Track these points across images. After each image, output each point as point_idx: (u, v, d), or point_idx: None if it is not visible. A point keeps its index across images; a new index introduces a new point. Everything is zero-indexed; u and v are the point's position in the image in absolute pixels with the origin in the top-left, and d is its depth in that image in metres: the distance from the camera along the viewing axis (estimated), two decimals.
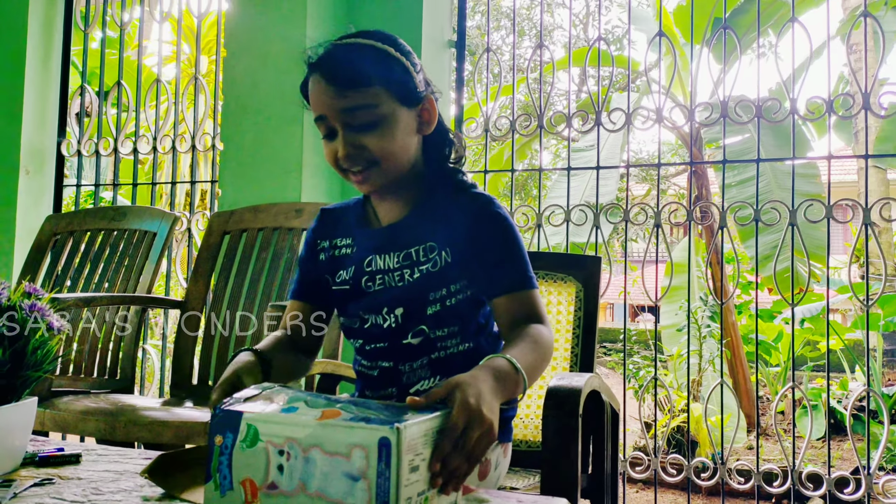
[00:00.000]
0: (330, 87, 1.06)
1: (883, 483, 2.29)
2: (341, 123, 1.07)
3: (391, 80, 1.08)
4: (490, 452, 1.16)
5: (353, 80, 1.06)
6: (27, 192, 2.96)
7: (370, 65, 1.07)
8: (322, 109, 1.08)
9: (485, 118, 2.64)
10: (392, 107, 1.07)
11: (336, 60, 1.08)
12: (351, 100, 1.05)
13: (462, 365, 1.13)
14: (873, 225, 2.29)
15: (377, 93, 1.06)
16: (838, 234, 9.64)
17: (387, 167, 1.10)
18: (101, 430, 1.66)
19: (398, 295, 1.13)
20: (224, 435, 0.79)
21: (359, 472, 0.73)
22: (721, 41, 2.58)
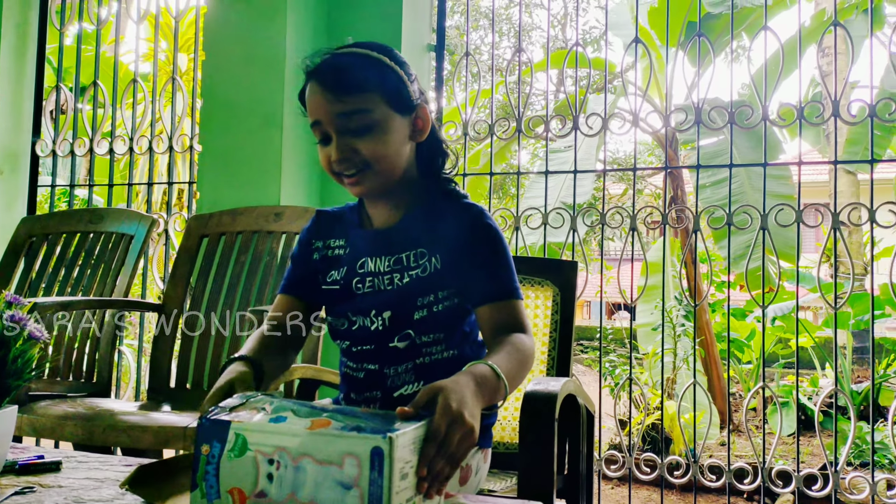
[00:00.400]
0: (326, 92, 1.10)
1: (849, 479, 2.35)
2: (336, 128, 1.10)
3: (385, 87, 1.11)
4: (471, 458, 1.19)
5: (348, 86, 1.09)
6: (1, 193, 2.93)
7: (365, 72, 1.11)
8: (318, 115, 1.11)
9: (464, 121, 2.66)
10: (386, 113, 1.11)
11: (332, 67, 1.11)
12: (346, 105, 1.09)
13: (446, 371, 1.15)
14: (843, 227, 2.35)
15: (371, 99, 1.10)
16: (810, 232, 9.81)
17: (379, 171, 1.12)
18: (79, 435, 1.65)
19: (387, 298, 1.15)
20: (211, 444, 0.79)
21: (351, 481, 0.75)
22: (696, 45, 2.63)
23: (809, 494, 2.37)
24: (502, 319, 1.10)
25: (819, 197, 7.75)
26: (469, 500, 0.87)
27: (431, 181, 1.20)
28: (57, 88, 3.06)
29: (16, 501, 0.86)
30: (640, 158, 11.35)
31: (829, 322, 5.75)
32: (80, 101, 3.08)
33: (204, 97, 2.59)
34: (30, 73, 3.04)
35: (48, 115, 3.06)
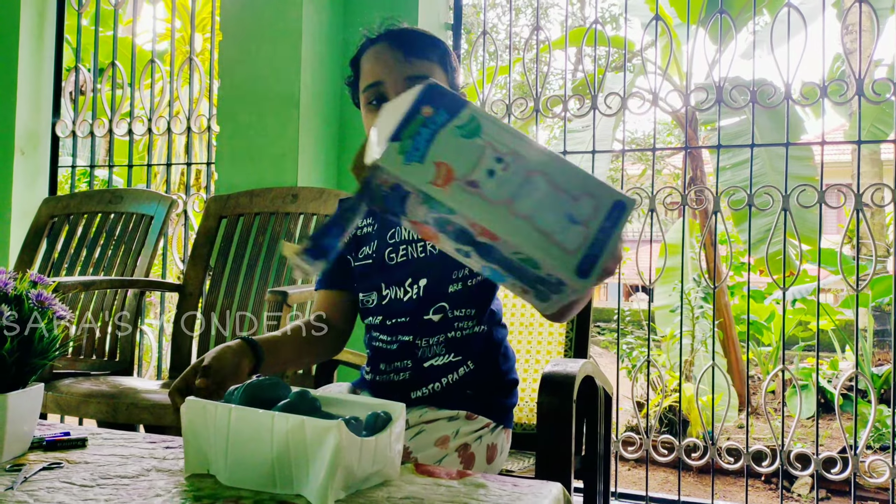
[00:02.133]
0: (398, 51, 1.12)
1: (869, 463, 2.34)
2: (397, 90, 1.10)
3: (446, 63, 1.16)
4: (496, 437, 1.20)
5: (420, 50, 1.13)
6: (22, 173, 2.96)
7: (435, 43, 1.17)
8: (380, 75, 1.12)
9: (481, 101, 2.64)
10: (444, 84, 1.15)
11: (405, 32, 1.16)
12: (414, 67, 1.11)
13: (476, 346, 1.19)
14: (865, 208, 2.32)
15: (436, 69, 1.14)
16: (832, 213, 9.69)
17: None
18: (103, 412, 1.68)
19: (421, 266, 1.16)
20: (436, 110, 0.73)
21: (581, 218, 0.72)
22: (716, 21, 2.58)
23: (828, 477, 2.36)
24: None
25: (842, 178, 7.64)
26: (487, 480, 0.88)
27: None
28: (76, 69, 3.07)
29: (44, 476, 0.88)
30: (659, 139, 11.23)
31: (847, 303, 5.69)
32: (99, 81, 3.09)
33: (221, 78, 2.59)
34: (49, 54, 3.05)
35: (67, 95, 3.08)
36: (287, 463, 0.81)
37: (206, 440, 0.86)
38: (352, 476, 0.81)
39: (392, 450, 0.87)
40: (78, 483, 0.86)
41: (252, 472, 0.83)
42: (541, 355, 1.62)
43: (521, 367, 1.63)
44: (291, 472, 0.81)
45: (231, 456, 0.84)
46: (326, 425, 0.79)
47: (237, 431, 0.83)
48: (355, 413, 0.90)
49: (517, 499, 0.81)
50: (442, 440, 1.12)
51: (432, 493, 0.82)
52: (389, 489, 0.84)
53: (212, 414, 0.85)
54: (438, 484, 0.86)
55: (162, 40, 6.22)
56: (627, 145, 10.42)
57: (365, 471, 0.83)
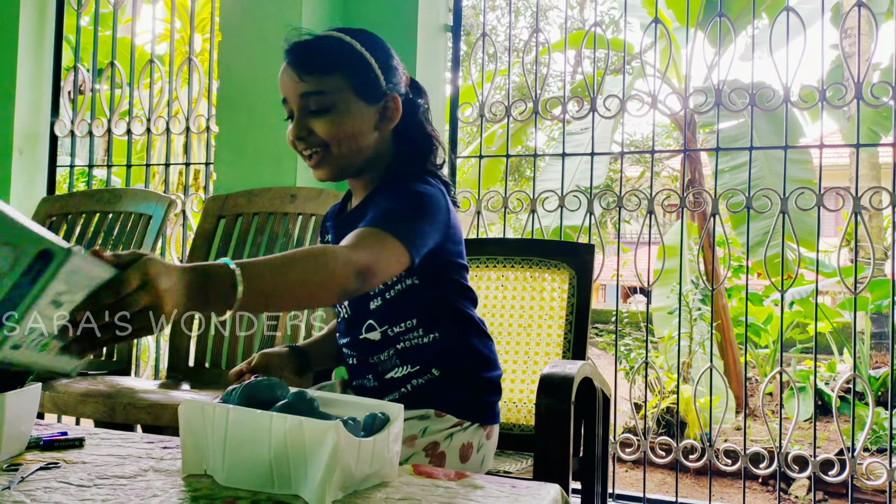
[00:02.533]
0: (291, 71, 1.13)
1: (867, 465, 2.34)
2: (297, 107, 1.13)
3: (350, 72, 1.12)
4: (471, 436, 1.18)
5: (312, 66, 1.11)
6: (20, 173, 2.96)
7: (331, 55, 1.12)
8: (284, 92, 1.15)
9: (480, 102, 2.65)
10: (347, 97, 1.12)
11: (300, 48, 1.13)
12: (307, 85, 1.11)
13: (434, 355, 1.17)
14: (863, 211, 2.32)
15: (333, 81, 1.11)
16: (830, 216, 9.70)
17: (336, 153, 1.13)
18: (101, 412, 1.68)
19: None
20: None
21: None
22: (715, 24, 2.59)
23: (826, 479, 2.36)
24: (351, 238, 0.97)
25: (839, 181, 7.65)
26: (486, 481, 0.88)
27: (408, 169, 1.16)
28: (75, 69, 3.07)
29: (41, 476, 0.88)
30: (658, 141, 11.24)
31: (845, 305, 5.70)
32: (98, 81, 3.09)
33: (220, 78, 2.59)
34: (48, 53, 3.05)
35: (66, 95, 3.07)
36: (285, 463, 0.81)
37: (204, 440, 0.86)
38: (349, 477, 0.81)
39: (390, 450, 0.87)
40: (75, 483, 0.85)
41: (250, 472, 0.83)
42: (539, 357, 1.63)
43: (519, 368, 1.63)
44: (289, 472, 0.81)
45: (229, 456, 0.84)
46: (324, 426, 0.79)
47: (235, 432, 0.83)
48: (353, 414, 0.90)
49: (515, 500, 0.81)
50: (409, 439, 1.11)
51: (430, 494, 0.82)
52: (387, 490, 0.84)
53: (210, 414, 0.85)
54: (436, 485, 0.86)
55: (161, 41, 6.21)
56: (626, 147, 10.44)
57: (363, 471, 0.83)
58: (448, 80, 2.72)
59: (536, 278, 1.68)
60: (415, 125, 1.20)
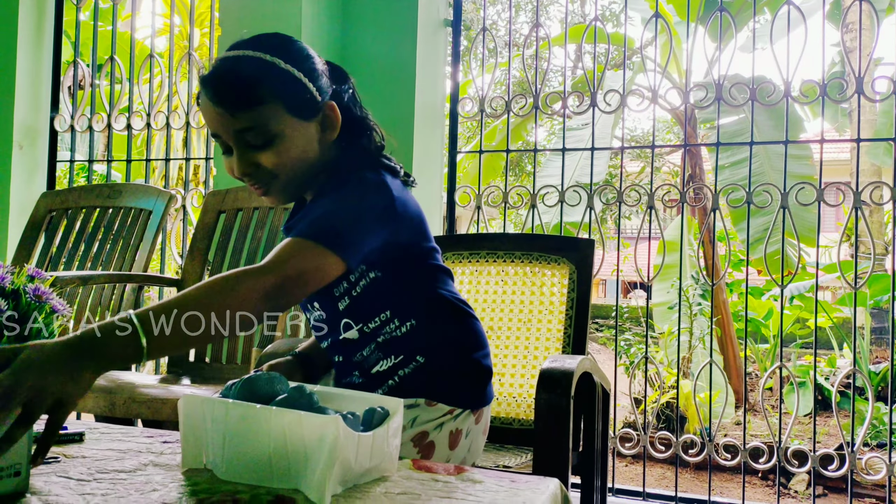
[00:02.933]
0: (219, 108, 1.03)
1: (866, 460, 2.34)
2: (235, 143, 1.06)
3: (282, 95, 1.04)
4: (462, 423, 1.15)
5: (241, 102, 1.03)
6: (20, 168, 2.96)
7: (260, 83, 1.03)
8: (215, 128, 1.06)
9: (480, 97, 2.64)
10: (286, 122, 1.05)
11: (224, 79, 1.04)
12: (242, 121, 1.03)
13: (417, 342, 1.14)
14: (864, 206, 2.32)
15: (269, 110, 1.03)
16: (830, 211, 9.70)
17: (286, 180, 1.09)
18: (101, 407, 1.68)
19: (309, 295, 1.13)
20: None
21: None
22: (716, 19, 2.58)
23: (825, 474, 2.36)
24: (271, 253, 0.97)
25: (839, 176, 7.65)
26: (485, 475, 0.88)
27: (353, 158, 1.13)
28: (74, 64, 3.06)
29: (41, 471, 0.88)
30: (658, 136, 11.23)
31: (845, 301, 5.70)
32: (98, 76, 3.09)
33: None
34: (47, 48, 3.05)
35: (66, 90, 3.07)
36: (284, 458, 0.81)
37: (204, 435, 0.86)
38: (349, 471, 0.81)
39: (389, 445, 0.87)
40: (75, 477, 0.86)
41: (249, 466, 0.83)
42: (539, 351, 1.63)
43: (518, 363, 1.64)
44: (289, 466, 0.81)
45: (228, 451, 0.84)
46: (324, 420, 0.79)
47: (235, 426, 0.83)
48: (353, 408, 0.90)
49: (514, 494, 0.81)
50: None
51: (429, 489, 0.83)
52: (386, 484, 0.84)
53: (209, 409, 0.85)
54: (436, 479, 0.86)
55: (160, 34, 6.20)
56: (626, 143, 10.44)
57: (362, 466, 0.83)
58: (448, 74, 2.71)
59: (536, 273, 1.68)
60: (347, 118, 1.13)
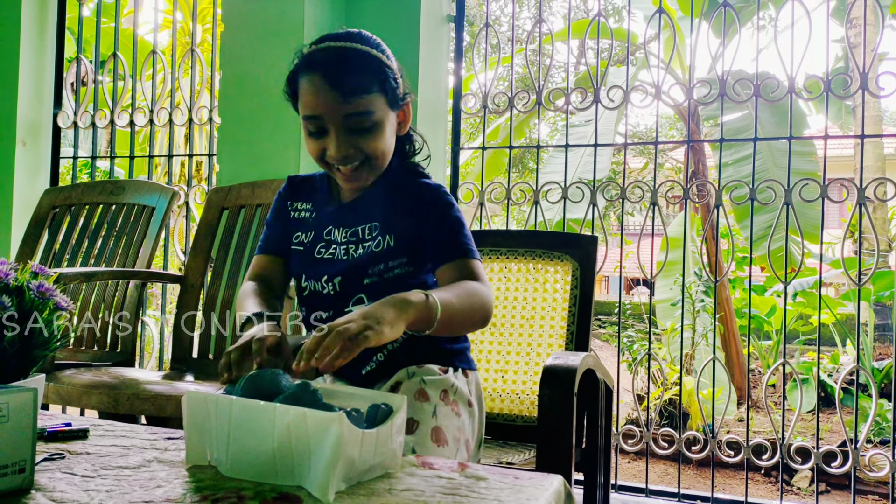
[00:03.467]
0: (334, 91, 1.11)
1: (869, 457, 2.34)
2: (339, 126, 1.13)
3: (387, 86, 1.15)
4: (453, 379, 1.22)
5: (357, 87, 1.11)
6: (23, 164, 2.96)
7: (371, 71, 1.14)
8: (319, 111, 1.13)
9: (483, 93, 2.64)
10: (384, 111, 1.16)
11: (339, 65, 1.12)
12: (354, 106, 1.12)
13: (408, 333, 1.19)
14: (868, 202, 2.31)
15: (375, 99, 1.14)
16: (834, 208, 9.68)
17: (375, 165, 1.18)
18: (105, 403, 1.68)
19: (340, 268, 1.20)
20: None
21: None
22: (720, 15, 2.57)
23: (828, 471, 2.36)
24: (459, 274, 1.14)
25: (843, 173, 7.63)
26: (489, 472, 0.88)
27: (401, 165, 1.26)
28: (77, 60, 3.06)
29: (46, 467, 0.88)
30: (661, 133, 11.20)
31: (848, 296, 5.69)
32: (101, 72, 3.09)
33: (223, 69, 2.58)
34: (50, 44, 3.05)
35: (69, 86, 3.07)
36: (289, 454, 0.81)
37: (208, 432, 0.86)
38: (353, 468, 0.81)
39: (394, 442, 0.87)
40: (79, 474, 0.86)
41: (253, 463, 0.83)
42: (542, 348, 1.63)
43: (521, 360, 1.64)
44: (293, 463, 0.81)
45: (233, 447, 0.84)
46: (328, 417, 0.79)
47: (239, 423, 0.83)
48: (356, 405, 0.90)
49: (518, 491, 0.81)
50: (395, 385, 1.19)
51: (432, 486, 0.83)
52: (391, 481, 0.84)
53: (213, 405, 0.85)
54: (439, 476, 0.86)
55: (162, 31, 6.20)
56: (630, 139, 10.45)
57: (366, 463, 0.83)
58: (451, 70, 2.71)
59: (539, 270, 1.68)
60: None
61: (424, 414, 1.15)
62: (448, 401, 1.19)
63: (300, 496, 0.78)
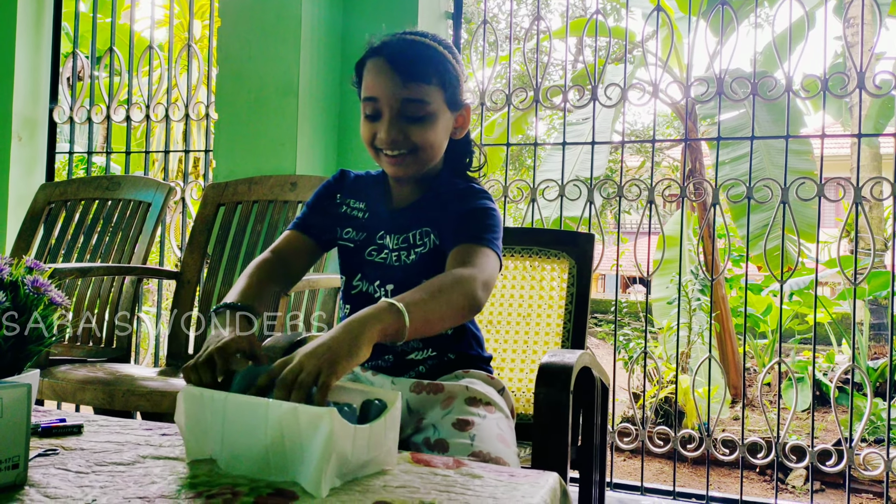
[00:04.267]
0: (396, 74, 1.14)
1: (864, 455, 2.35)
2: (393, 110, 1.15)
3: (446, 82, 1.17)
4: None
5: (416, 74, 1.14)
6: (19, 159, 2.95)
7: (433, 64, 1.16)
8: (378, 92, 1.15)
9: (481, 90, 2.63)
10: (440, 106, 1.17)
11: (404, 51, 1.16)
12: (410, 91, 1.14)
13: (450, 340, 1.25)
14: (864, 201, 2.32)
15: (434, 91, 1.15)
16: (830, 207, 9.69)
17: (421, 158, 1.18)
18: (100, 399, 1.68)
19: (393, 273, 1.21)
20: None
21: None
22: (718, 13, 2.57)
23: (823, 470, 2.37)
24: (458, 258, 1.10)
25: (840, 172, 7.63)
26: (484, 469, 0.88)
27: (454, 173, 1.26)
28: (73, 55, 3.05)
29: (40, 463, 0.88)
30: (659, 131, 11.22)
31: (844, 296, 5.70)
32: (97, 68, 3.07)
33: (220, 65, 2.57)
34: (46, 39, 3.03)
35: (65, 81, 3.06)
36: (281, 450, 0.81)
37: (205, 427, 0.86)
38: (346, 464, 0.81)
39: (387, 437, 0.87)
40: (73, 469, 0.85)
41: (248, 458, 0.83)
42: (538, 346, 1.63)
43: (518, 357, 1.64)
44: (286, 459, 0.81)
45: (227, 443, 0.84)
46: (318, 412, 0.79)
47: (232, 419, 0.83)
48: (351, 400, 0.90)
49: (514, 489, 0.81)
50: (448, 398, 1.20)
51: (428, 483, 0.82)
52: (385, 478, 0.84)
53: (209, 401, 0.85)
54: (435, 473, 0.86)
55: (160, 26, 6.18)
56: (627, 137, 10.45)
57: (360, 458, 0.83)
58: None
59: (536, 267, 1.68)
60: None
61: (477, 416, 1.16)
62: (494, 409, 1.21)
63: (295, 491, 0.78)
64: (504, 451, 1.10)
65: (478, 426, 1.13)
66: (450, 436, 1.11)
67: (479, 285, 1.06)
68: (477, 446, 1.08)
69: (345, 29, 2.60)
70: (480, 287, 1.06)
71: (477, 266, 1.09)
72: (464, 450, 1.08)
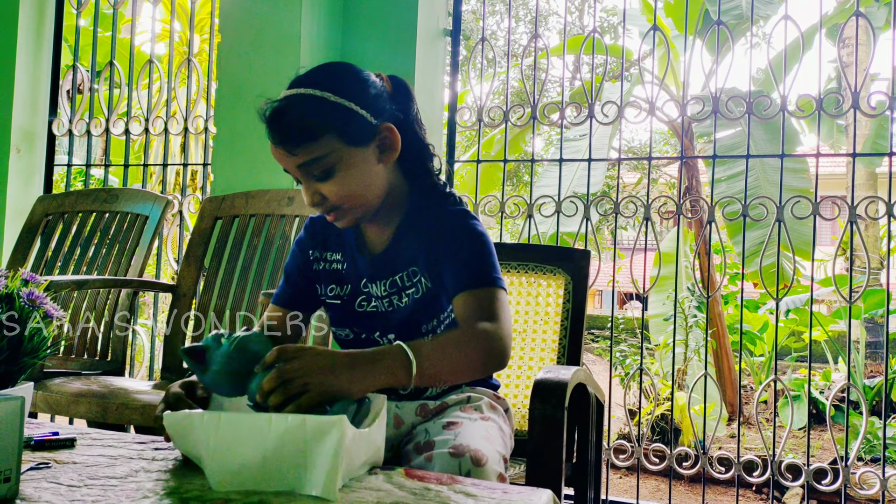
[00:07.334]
0: (281, 146, 1.10)
1: (860, 474, 2.34)
2: (299, 175, 1.12)
3: (335, 127, 1.09)
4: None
5: (299, 137, 1.08)
6: (17, 171, 2.95)
7: (316, 116, 1.08)
8: (281, 164, 1.13)
9: (478, 107, 2.65)
10: (342, 152, 1.10)
11: (281, 119, 1.10)
12: (301, 156, 1.09)
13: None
14: (859, 220, 2.33)
15: (325, 142, 1.09)
16: (826, 225, 9.73)
17: (352, 206, 1.14)
18: (94, 412, 1.67)
19: (388, 320, 1.20)
20: None
21: None
22: (713, 32, 2.60)
23: (819, 489, 2.36)
24: (473, 306, 1.09)
25: (835, 191, 7.68)
26: (478, 486, 0.88)
27: (423, 189, 1.21)
28: (73, 68, 3.06)
29: (32, 476, 0.87)
30: (655, 148, 11.27)
31: (840, 314, 5.71)
32: (97, 81, 3.09)
33: (219, 79, 2.59)
34: (46, 52, 3.05)
35: (65, 94, 3.07)
36: (279, 461, 0.82)
37: (195, 447, 0.86)
38: (351, 466, 0.85)
39: (380, 437, 0.91)
40: (65, 483, 0.85)
41: (240, 473, 0.83)
42: (533, 362, 1.63)
43: (513, 373, 1.63)
44: (283, 468, 0.82)
45: (217, 460, 0.84)
46: (329, 421, 0.81)
47: (225, 436, 0.83)
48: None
49: None
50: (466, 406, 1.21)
51: (421, 499, 0.82)
52: (378, 493, 0.84)
53: (199, 422, 0.85)
54: (428, 488, 0.86)
55: (160, 40, 6.21)
56: (624, 154, 10.50)
57: (360, 459, 0.87)
58: (447, 84, 2.72)
59: (532, 283, 1.68)
60: (411, 141, 1.18)
61: (467, 420, 1.15)
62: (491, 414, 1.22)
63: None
64: (486, 447, 1.05)
65: (464, 426, 1.12)
66: (436, 435, 1.10)
67: (505, 341, 1.06)
68: (458, 441, 1.05)
69: (343, 46, 2.62)
70: (505, 341, 1.06)
71: (496, 318, 1.07)
72: (445, 445, 1.04)
